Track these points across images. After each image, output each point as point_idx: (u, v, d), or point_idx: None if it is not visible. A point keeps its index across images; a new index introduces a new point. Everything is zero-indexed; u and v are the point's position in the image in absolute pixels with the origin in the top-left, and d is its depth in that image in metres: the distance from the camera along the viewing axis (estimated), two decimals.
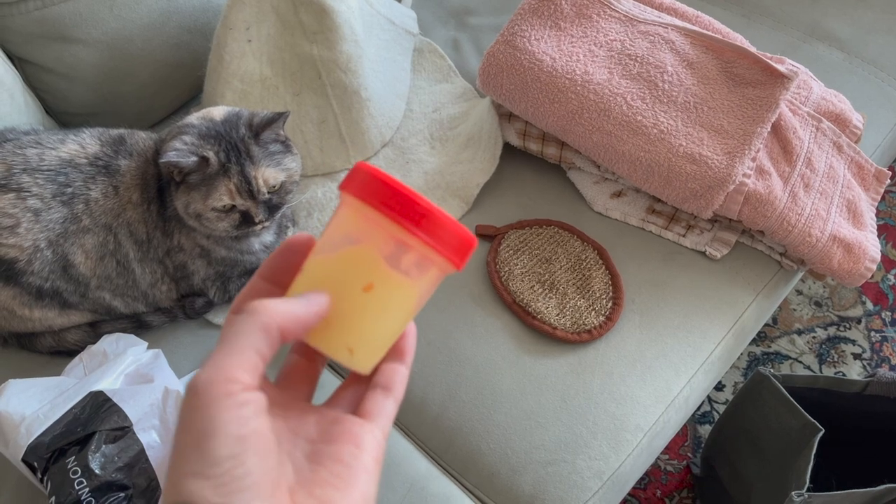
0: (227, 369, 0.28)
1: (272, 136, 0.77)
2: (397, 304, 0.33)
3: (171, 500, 0.27)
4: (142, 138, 0.82)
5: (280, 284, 0.34)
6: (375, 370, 0.35)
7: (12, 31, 0.94)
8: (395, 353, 0.35)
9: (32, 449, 0.67)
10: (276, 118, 0.76)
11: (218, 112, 0.79)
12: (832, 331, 1.36)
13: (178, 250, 0.81)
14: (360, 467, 0.31)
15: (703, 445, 1.18)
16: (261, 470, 0.28)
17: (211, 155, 0.74)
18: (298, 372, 0.36)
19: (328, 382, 0.81)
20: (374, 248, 0.32)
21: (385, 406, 0.34)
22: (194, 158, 0.73)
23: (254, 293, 0.34)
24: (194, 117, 0.79)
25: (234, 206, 0.76)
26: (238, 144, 0.75)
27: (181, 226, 0.80)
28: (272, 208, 0.78)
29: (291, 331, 0.31)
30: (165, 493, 0.28)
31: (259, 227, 0.78)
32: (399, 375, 0.35)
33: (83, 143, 0.79)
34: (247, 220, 0.78)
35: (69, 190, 0.76)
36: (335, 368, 0.86)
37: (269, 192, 0.77)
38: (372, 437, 0.32)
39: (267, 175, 0.76)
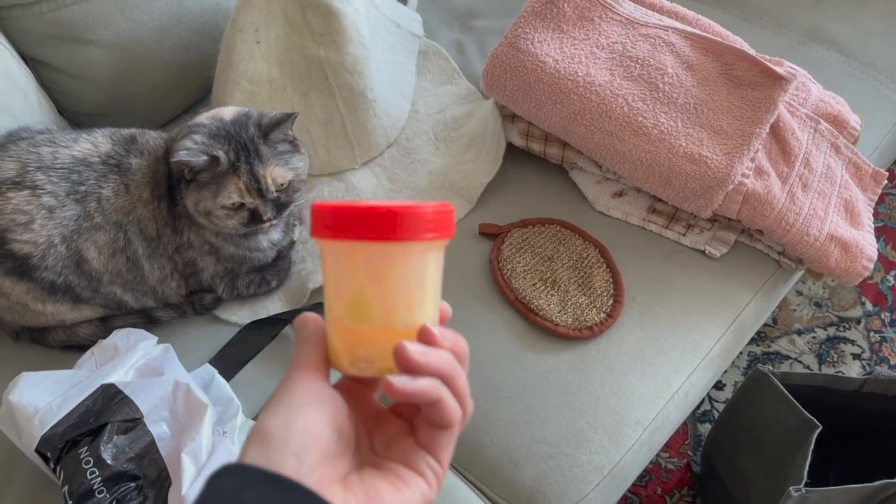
0: (304, 368, 0.36)
1: (280, 136, 0.79)
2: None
3: (251, 429, 0.33)
4: (152, 137, 0.84)
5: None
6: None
7: (26, 32, 0.96)
8: (437, 418, 0.36)
9: (46, 440, 0.69)
10: (285, 119, 0.78)
11: (228, 112, 0.80)
12: (832, 331, 1.37)
13: (188, 247, 0.83)
14: (414, 486, 0.35)
15: (703, 443, 1.19)
16: (318, 431, 0.33)
17: (221, 154, 0.76)
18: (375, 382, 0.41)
19: None
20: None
21: (441, 439, 0.36)
22: (205, 157, 0.74)
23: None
24: (204, 117, 0.81)
25: (242, 204, 0.78)
26: (247, 144, 0.77)
27: (191, 223, 0.81)
28: (280, 206, 0.80)
29: None
30: (251, 429, 0.34)
31: (267, 224, 0.80)
32: (454, 416, 0.36)
33: (95, 142, 0.81)
34: (255, 218, 0.79)
35: (82, 188, 0.77)
36: None
37: (277, 191, 0.79)
38: (428, 467, 0.36)
39: (275, 174, 0.78)
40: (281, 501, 0.29)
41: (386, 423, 0.38)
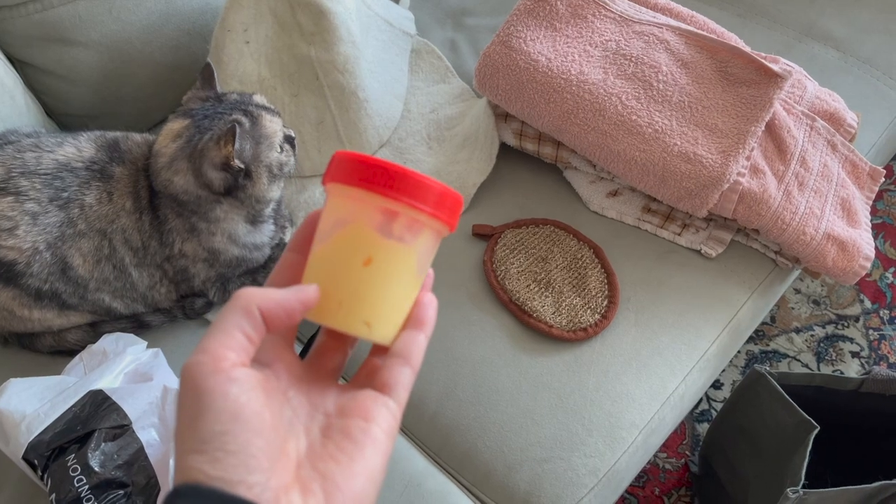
0: (214, 349, 0.30)
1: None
2: (399, 270, 0.35)
3: (177, 481, 0.28)
4: (136, 144, 0.82)
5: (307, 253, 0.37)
6: (401, 337, 0.36)
7: (12, 33, 0.95)
8: (413, 321, 0.36)
9: (33, 447, 0.68)
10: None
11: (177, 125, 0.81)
12: (830, 329, 1.36)
13: (180, 257, 0.82)
14: (366, 441, 0.32)
15: (701, 443, 1.18)
16: (256, 444, 0.29)
17: (237, 116, 0.77)
18: (328, 351, 0.38)
19: None
20: (364, 223, 0.34)
21: (401, 375, 0.34)
22: (231, 125, 0.74)
23: (286, 265, 0.37)
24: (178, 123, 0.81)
25: (286, 136, 0.82)
26: (237, 105, 0.79)
27: (183, 235, 0.80)
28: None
29: (275, 314, 0.32)
30: (174, 477, 0.29)
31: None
32: (416, 344, 0.35)
33: (80, 147, 0.80)
34: (293, 143, 0.84)
35: (65, 195, 0.76)
36: None
37: None
38: (385, 409, 0.33)
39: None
40: None
41: (319, 376, 0.36)
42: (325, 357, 0.38)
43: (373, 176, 0.33)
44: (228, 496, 0.27)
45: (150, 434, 0.70)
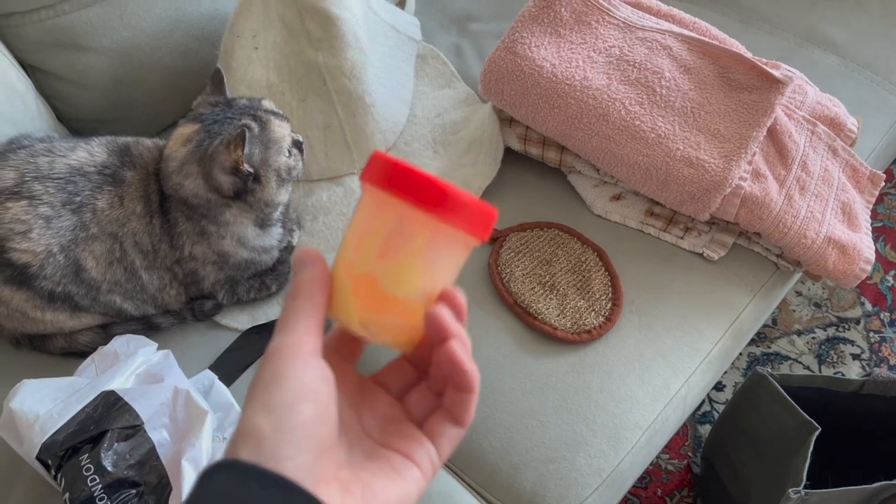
0: (299, 334, 0.32)
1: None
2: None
3: (240, 427, 0.30)
4: (147, 149, 0.84)
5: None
6: (450, 395, 0.35)
7: (24, 39, 0.96)
8: (469, 386, 0.35)
9: (46, 447, 0.69)
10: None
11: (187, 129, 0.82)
12: (831, 331, 1.37)
13: (190, 259, 0.83)
14: (407, 475, 0.34)
15: (703, 445, 1.19)
16: (313, 428, 0.30)
17: (247, 121, 0.78)
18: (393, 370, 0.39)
19: None
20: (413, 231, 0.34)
21: (452, 432, 0.35)
22: (240, 130, 0.75)
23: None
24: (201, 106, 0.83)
25: (294, 140, 0.83)
26: (244, 110, 0.81)
27: (193, 238, 0.82)
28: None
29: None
30: (232, 433, 0.31)
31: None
32: (471, 408, 0.35)
33: (92, 152, 0.81)
34: (301, 148, 0.85)
35: (77, 199, 0.78)
36: None
37: None
38: (427, 458, 0.35)
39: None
40: (278, 503, 0.28)
41: (372, 396, 0.37)
42: (352, 358, 0.39)
43: (421, 190, 0.33)
44: (269, 473, 0.29)
45: (162, 434, 0.71)
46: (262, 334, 0.86)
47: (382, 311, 0.35)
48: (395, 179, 0.33)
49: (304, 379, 0.31)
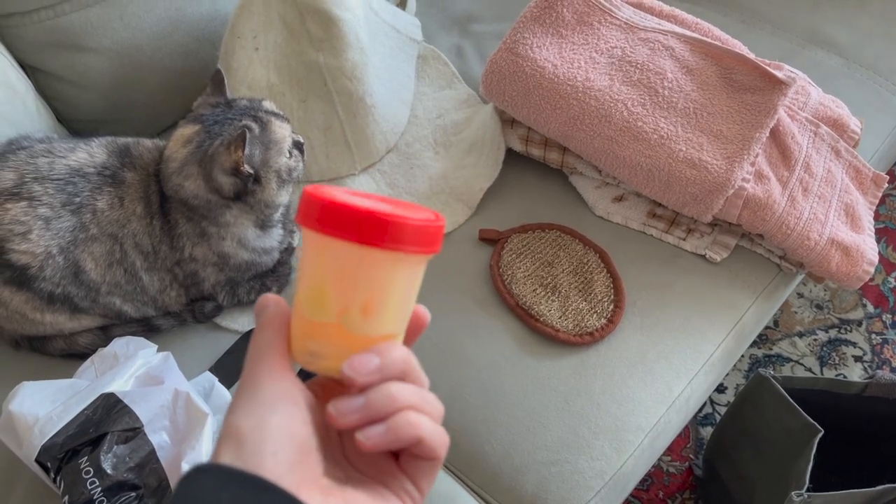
0: (270, 356, 0.34)
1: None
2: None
3: (222, 431, 0.32)
4: (147, 150, 0.83)
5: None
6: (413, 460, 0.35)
7: (24, 40, 0.96)
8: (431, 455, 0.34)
9: (46, 449, 0.68)
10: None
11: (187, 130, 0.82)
12: (833, 333, 1.37)
13: (190, 261, 0.83)
14: (391, 498, 0.34)
15: (705, 447, 1.19)
16: (291, 426, 0.31)
17: (247, 121, 0.78)
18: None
19: None
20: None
21: (425, 468, 0.35)
22: (241, 131, 0.75)
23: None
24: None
25: (295, 141, 0.83)
26: (245, 111, 0.80)
27: (193, 239, 0.81)
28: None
29: None
30: (218, 433, 0.34)
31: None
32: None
33: (91, 153, 0.80)
34: (301, 149, 0.85)
35: (77, 200, 0.77)
36: None
37: None
38: (408, 495, 0.35)
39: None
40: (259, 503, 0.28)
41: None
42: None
43: (357, 227, 0.33)
44: (249, 475, 0.29)
45: (162, 437, 0.71)
46: None
47: (309, 338, 0.35)
48: (300, 208, 0.34)
49: (282, 384, 0.33)
